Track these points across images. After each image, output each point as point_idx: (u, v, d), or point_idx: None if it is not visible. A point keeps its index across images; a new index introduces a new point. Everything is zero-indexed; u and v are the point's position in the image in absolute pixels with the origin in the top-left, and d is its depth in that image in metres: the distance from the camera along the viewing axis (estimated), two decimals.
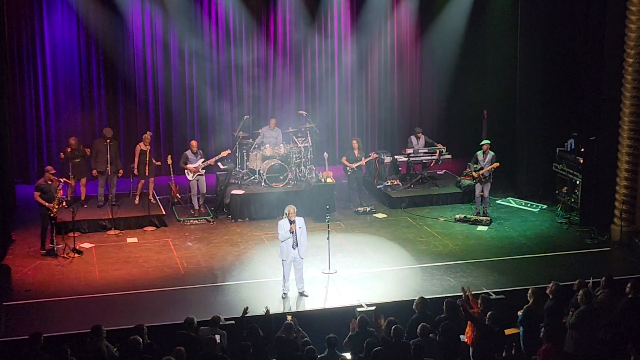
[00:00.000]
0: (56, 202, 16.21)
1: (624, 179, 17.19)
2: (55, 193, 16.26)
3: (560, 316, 12.50)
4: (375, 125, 23.61)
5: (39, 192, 16.26)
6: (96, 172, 18.60)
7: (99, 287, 14.91)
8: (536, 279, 14.68)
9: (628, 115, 16.88)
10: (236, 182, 19.53)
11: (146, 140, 19.01)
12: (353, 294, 14.27)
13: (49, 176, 16.37)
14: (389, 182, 20.63)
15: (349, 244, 17.10)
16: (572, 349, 11.94)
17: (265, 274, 15.48)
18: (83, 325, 12.50)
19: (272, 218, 18.54)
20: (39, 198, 16.24)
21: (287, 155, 19.78)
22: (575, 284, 12.83)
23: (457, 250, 16.86)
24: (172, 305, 13.98)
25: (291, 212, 14.17)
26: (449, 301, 12.17)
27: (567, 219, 18.59)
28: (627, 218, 17.21)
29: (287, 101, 22.47)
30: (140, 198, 19.14)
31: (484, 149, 18.74)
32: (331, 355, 10.97)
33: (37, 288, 14.83)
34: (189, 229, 18.16)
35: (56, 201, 16.22)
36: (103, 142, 18.47)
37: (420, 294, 12.89)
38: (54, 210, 16.19)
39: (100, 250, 16.77)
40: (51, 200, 16.19)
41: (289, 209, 14.22)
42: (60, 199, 16.38)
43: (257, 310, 13.44)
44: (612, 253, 16.95)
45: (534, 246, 17.20)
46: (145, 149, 18.92)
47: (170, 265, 16.03)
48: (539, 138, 20.32)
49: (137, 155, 18.92)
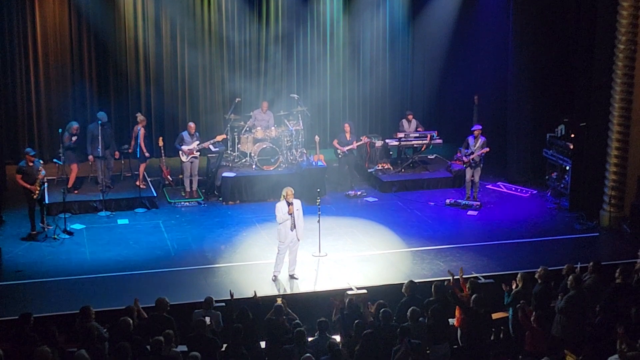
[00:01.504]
0: (38, 184, 16.17)
1: (614, 165, 17.27)
2: (36, 175, 16.22)
3: (549, 300, 12.58)
4: (367, 109, 23.60)
5: (20, 175, 16.24)
6: (92, 158, 18.53)
7: (89, 268, 14.93)
8: (526, 264, 14.77)
9: (618, 102, 16.94)
10: (227, 165, 19.54)
11: (142, 122, 18.96)
12: (343, 277, 14.32)
13: (29, 158, 16.32)
14: (380, 166, 20.67)
15: (339, 227, 17.14)
16: (560, 333, 12.03)
17: (256, 256, 15.52)
18: (73, 306, 12.52)
19: (263, 201, 18.59)
20: (20, 181, 16.22)
21: (278, 138, 19.78)
22: (564, 269, 12.92)
23: (447, 235, 16.91)
24: (163, 286, 13.99)
25: (289, 194, 14.18)
26: (438, 285, 12.24)
27: (556, 204, 18.67)
28: (616, 204, 17.30)
29: (279, 84, 22.42)
30: (130, 179, 19.13)
31: (475, 133, 18.78)
32: (321, 338, 11.03)
33: (27, 269, 14.84)
34: (179, 211, 18.18)
35: (38, 183, 16.17)
36: (98, 126, 18.41)
37: (410, 278, 12.97)
38: (36, 192, 16.15)
39: (91, 232, 16.77)
40: (33, 182, 16.16)
41: (286, 191, 14.23)
42: (42, 180, 16.33)
43: (247, 293, 13.51)
44: (601, 238, 17.04)
45: (524, 231, 17.27)
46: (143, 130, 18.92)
47: (160, 247, 16.05)
48: (530, 123, 20.37)
49: (141, 137, 18.82)
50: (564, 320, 12.01)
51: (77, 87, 21.02)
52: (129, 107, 21.18)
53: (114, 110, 21.11)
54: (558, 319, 12.09)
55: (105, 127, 18.40)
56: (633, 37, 16.62)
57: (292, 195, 14.20)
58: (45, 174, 16.66)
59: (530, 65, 20.10)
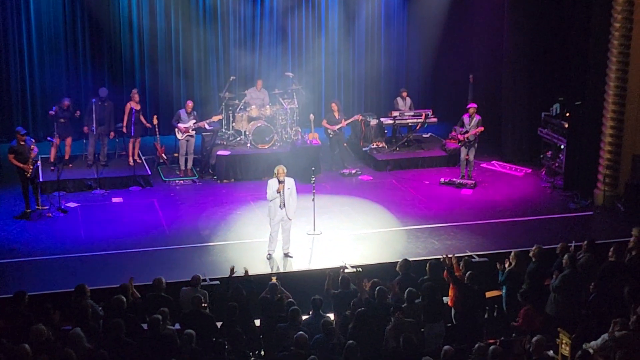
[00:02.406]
0: (30, 163, 16.13)
1: (608, 144, 17.27)
2: (28, 154, 16.18)
3: (543, 279, 12.63)
4: (362, 87, 23.56)
5: (12, 154, 16.20)
6: (87, 129, 18.50)
7: (84, 246, 14.92)
8: (520, 242, 14.80)
9: (614, 80, 16.92)
10: (222, 143, 19.50)
11: (135, 99, 18.90)
12: (338, 256, 14.33)
13: (20, 137, 16.26)
14: (375, 145, 20.66)
15: (334, 206, 17.15)
16: (554, 312, 12.08)
17: (251, 234, 15.53)
18: (68, 284, 12.54)
19: (258, 179, 18.57)
20: (13, 160, 16.18)
21: (273, 116, 19.74)
22: (558, 248, 12.96)
23: (441, 213, 16.93)
24: (157, 265, 14.00)
25: (280, 173, 14.18)
26: (432, 263, 12.28)
27: (551, 183, 18.68)
28: (610, 183, 17.33)
29: (274, 63, 22.36)
30: (124, 157, 19.09)
31: (470, 112, 18.75)
32: (315, 316, 11.06)
33: (21, 247, 14.83)
34: (174, 189, 18.17)
35: (30, 162, 16.13)
36: (98, 102, 18.35)
37: (405, 256, 12.97)
38: (28, 171, 16.11)
39: (86, 210, 16.76)
40: (25, 161, 16.12)
41: (278, 169, 14.23)
42: (34, 159, 16.29)
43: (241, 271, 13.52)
44: (595, 217, 17.06)
45: (518, 210, 17.29)
46: (136, 107, 18.82)
47: (155, 226, 16.04)
48: (525, 102, 20.35)
49: (126, 114, 18.80)
50: (558, 299, 12.06)
51: (71, 66, 20.95)
52: (123, 85, 21.10)
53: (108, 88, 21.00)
54: (552, 297, 12.14)
55: (104, 104, 18.31)
56: (629, 16, 16.56)
57: (283, 173, 14.19)
58: (38, 152, 16.61)
59: (526, 44, 20.04)
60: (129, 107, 18.85)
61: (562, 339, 11.83)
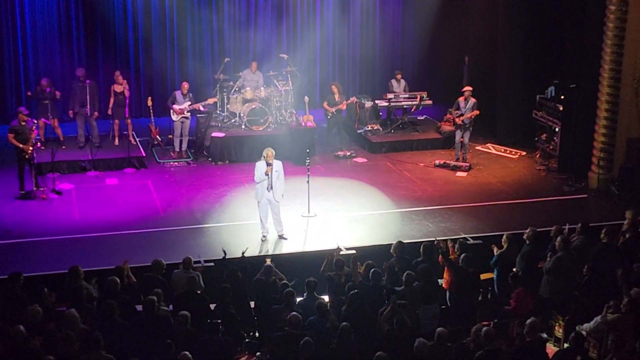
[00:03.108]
0: (30, 144, 16.09)
1: (603, 126, 17.28)
2: (29, 134, 16.14)
3: (537, 261, 12.67)
4: (357, 69, 23.53)
5: (12, 134, 16.14)
6: (72, 113, 18.45)
7: (78, 228, 14.90)
8: (514, 225, 14.83)
9: (609, 63, 16.91)
10: (216, 125, 19.47)
11: (118, 80, 18.81)
12: (332, 238, 14.35)
13: (22, 117, 16.23)
14: (370, 127, 20.64)
15: (328, 188, 17.15)
16: (548, 294, 12.12)
17: (245, 216, 15.52)
18: (62, 266, 12.52)
19: (252, 161, 18.33)
20: (13, 140, 16.12)
21: (267, 98, 19.70)
22: (552, 230, 12.99)
23: (436, 196, 16.95)
24: (152, 246, 14.00)
25: (269, 155, 14.17)
26: (427, 245, 12.30)
27: (545, 166, 18.70)
28: (604, 166, 17.35)
29: (269, 44, 22.29)
30: (120, 139, 19.06)
31: (466, 95, 18.74)
32: (310, 298, 11.09)
33: (16, 228, 14.80)
34: (169, 171, 18.15)
35: (30, 142, 16.10)
36: (78, 82, 18.31)
37: (399, 239, 13.00)
38: (28, 152, 16.07)
39: (80, 192, 16.73)
40: (25, 141, 16.08)
41: (267, 152, 14.21)
42: (35, 140, 16.25)
43: (235, 253, 13.54)
44: (589, 200, 17.10)
45: (512, 192, 17.32)
46: (118, 89, 18.73)
47: (149, 207, 16.03)
48: (520, 85, 20.34)
49: (112, 95, 18.75)
50: (552, 281, 12.09)
51: (65, 48, 20.86)
52: (118, 67, 20.98)
53: (102, 70, 20.99)
54: (546, 279, 12.18)
55: (83, 84, 18.24)
56: None
57: (272, 156, 14.18)
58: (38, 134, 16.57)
59: (521, 27, 20.01)
60: (112, 89, 18.79)
61: (556, 321, 11.91)
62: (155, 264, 11.71)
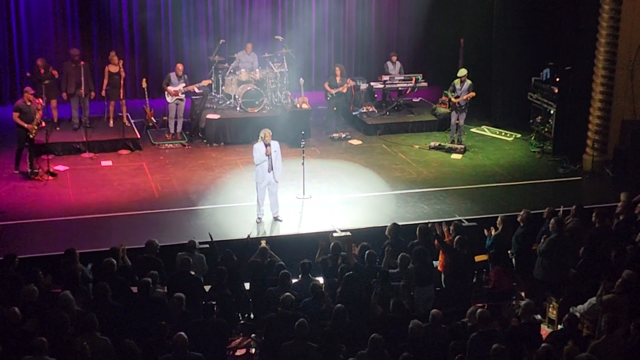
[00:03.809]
0: (35, 123, 16.04)
1: (598, 109, 17.29)
2: (34, 114, 16.10)
3: (530, 243, 12.70)
4: (352, 51, 23.48)
5: (18, 113, 16.09)
6: (66, 95, 18.39)
7: (73, 209, 14.90)
8: (508, 207, 14.88)
9: (604, 45, 16.89)
10: (212, 107, 19.44)
11: (113, 60, 18.73)
12: (327, 220, 14.37)
13: (28, 97, 16.18)
14: (365, 109, 20.63)
15: (323, 170, 17.15)
16: (541, 276, 12.16)
17: (240, 198, 15.53)
18: (57, 248, 12.56)
19: (247, 143, 18.52)
20: (18, 119, 16.07)
21: (262, 80, 19.67)
22: (545, 212, 13.01)
23: (431, 178, 16.97)
24: (147, 228, 14.00)
25: (267, 136, 14.15)
26: (422, 227, 12.31)
27: (540, 148, 18.73)
28: (599, 148, 17.37)
29: (264, 26, 22.23)
30: (115, 121, 19.02)
31: (462, 77, 18.71)
32: (304, 280, 11.11)
33: (10, 210, 14.79)
34: (163, 153, 18.12)
35: (35, 122, 16.05)
36: (72, 64, 18.23)
37: (394, 221, 13.02)
38: (32, 132, 16.02)
39: (75, 173, 16.71)
40: (30, 121, 16.03)
41: (264, 132, 14.19)
42: (40, 120, 16.19)
43: (231, 234, 13.58)
44: (584, 182, 17.13)
45: (507, 174, 17.34)
46: (114, 69, 18.66)
47: (144, 189, 16.02)
48: (515, 67, 20.31)
49: (106, 76, 18.67)
50: (545, 263, 12.12)
51: (60, 29, 20.76)
52: (112, 48, 20.91)
53: (97, 52, 20.91)
54: (539, 261, 12.21)
55: (77, 64, 18.16)
56: None
57: (269, 136, 14.16)
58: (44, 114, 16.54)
59: (516, 9, 19.97)
60: (107, 70, 18.69)
61: (550, 302, 11.95)
62: (148, 244, 11.72)
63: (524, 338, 9.77)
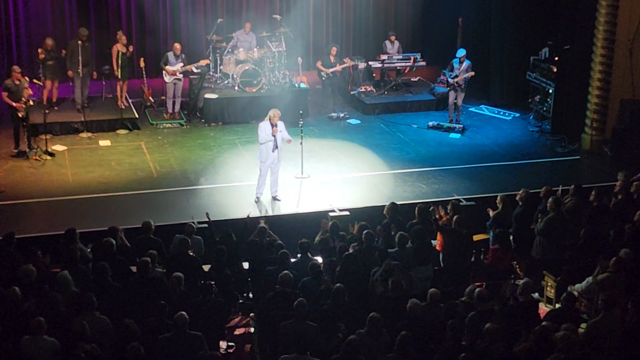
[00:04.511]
0: (23, 102, 15.99)
1: (597, 88, 17.26)
2: (22, 93, 16.03)
3: (529, 223, 12.72)
4: (350, 30, 23.39)
5: (6, 93, 16.05)
6: (72, 74, 18.31)
7: (71, 189, 14.89)
8: (507, 186, 14.88)
9: (603, 24, 16.84)
10: (210, 86, 19.39)
11: (122, 40, 18.65)
12: (326, 199, 14.38)
13: (16, 75, 16.12)
14: (363, 89, 20.59)
15: (322, 150, 17.14)
16: (539, 255, 12.19)
17: (238, 178, 15.53)
18: (56, 228, 12.58)
19: (246, 122, 18.55)
20: (6, 98, 16.03)
21: (261, 59, 19.61)
22: (542, 191, 13.01)
23: (429, 157, 16.95)
24: (145, 208, 14.00)
25: (275, 116, 14.10)
26: (421, 206, 12.32)
27: (538, 127, 18.71)
28: (597, 127, 17.35)
29: (262, 5, 22.14)
30: (113, 101, 18.96)
31: (461, 58, 18.66)
32: (303, 259, 11.13)
33: (9, 190, 14.78)
34: (162, 133, 18.10)
35: (23, 101, 15.99)
36: (77, 42, 18.13)
37: (392, 200, 13.02)
38: (21, 110, 15.97)
39: (73, 153, 16.69)
40: (19, 100, 15.98)
41: (273, 112, 14.13)
42: (28, 99, 16.13)
43: (229, 214, 13.59)
44: (582, 161, 17.14)
45: (506, 154, 17.33)
46: (123, 49, 18.59)
47: (143, 169, 16.01)
48: (513, 46, 20.26)
49: (114, 57, 18.56)
50: (543, 242, 12.15)
51: (56, 8, 20.65)
52: (109, 26, 20.89)
53: (94, 29, 20.81)
54: (537, 240, 12.23)
55: (84, 44, 18.10)
56: None
57: (278, 117, 14.13)
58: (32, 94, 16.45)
59: None
60: (115, 49, 18.61)
61: (548, 281, 11.99)
62: (144, 225, 11.72)
63: (522, 317, 9.79)
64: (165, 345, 9.02)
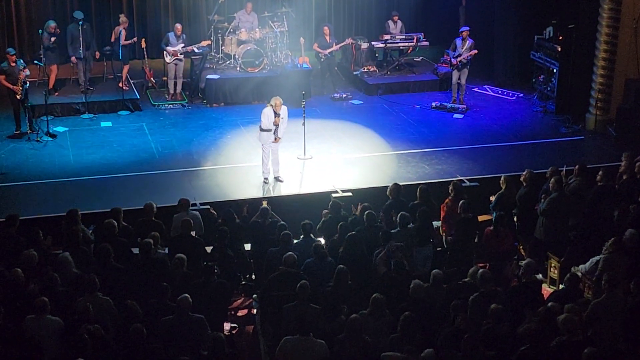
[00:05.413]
0: (20, 84, 15.93)
1: (601, 68, 17.16)
2: (18, 75, 15.97)
3: (533, 203, 12.65)
4: (352, 10, 23.27)
5: (3, 76, 16.01)
6: (75, 59, 18.17)
7: (73, 171, 14.86)
8: (510, 167, 14.81)
9: (608, 3, 16.71)
10: (211, 67, 19.31)
11: (124, 24, 18.53)
12: (328, 180, 14.33)
13: (11, 58, 16.07)
14: (366, 69, 20.50)
15: (324, 130, 17.07)
16: (542, 236, 12.13)
17: (241, 158, 15.48)
18: (58, 209, 12.55)
19: (248, 103, 18.49)
20: (3, 81, 16.00)
21: (262, 39, 19.51)
22: (548, 172, 12.94)
23: (432, 138, 16.89)
24: (148, 189, 13.97)
25: (277, 105, 14.02)
26: (423, 187, 12.28)
27: (542, 108, 18.62)
28: (602, 107, 17.27)
29: None
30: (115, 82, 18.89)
31: (463, 35, 18.55)
32: (306, 240, 11.09)
33: (10, 171, 14.76)
34: (163, 114, 18.03)
35: (19, 83, 15.93)
36: (77, 27, 18.01)
37: (395, 181, 12.98)
38: (18, 93, 15.92)
39: (74, 134, 16.65)
40: (15, 82, 15.93)
41: (275, 101, 14.04)
42: (24, 80, 16.06)
43: (231, 195, 13.56)
44: (586, 142, 17.06)
45: (510, 134, 17.26)
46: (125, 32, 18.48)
47: (145, 150, 15.97)
48: (517, 25, 20.14)
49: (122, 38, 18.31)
50: (546, 223, 12.09)
51: None
52: (110, 7, 20.78)
53: (95, 10, 20.71)
54: (541, 221, 12.17)
55: (83, 27, 18.00)
56: None
57: (280, 105, 14.04)
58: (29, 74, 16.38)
59: None
60: (117, 30, 18.50)
61: (551, 262, 11.94)
62: (146, 207, 11.68)
63: (525, 298, 9.76)
64: (167, 328, 9.00)
